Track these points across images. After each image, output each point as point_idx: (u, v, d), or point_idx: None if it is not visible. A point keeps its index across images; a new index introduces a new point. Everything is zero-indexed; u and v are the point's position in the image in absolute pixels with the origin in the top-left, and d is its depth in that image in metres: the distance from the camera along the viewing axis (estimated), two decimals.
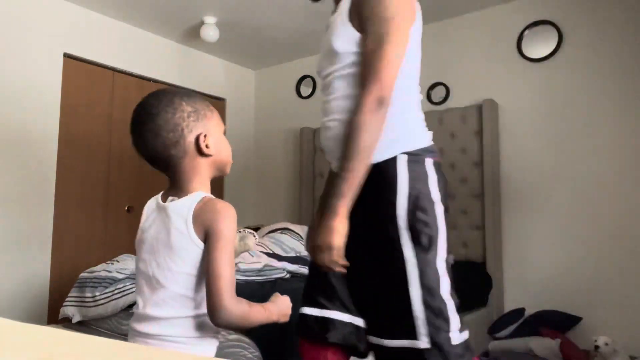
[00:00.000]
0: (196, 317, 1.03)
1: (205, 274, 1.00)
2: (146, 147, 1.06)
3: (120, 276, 2.17)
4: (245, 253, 2.38)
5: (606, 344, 2.42)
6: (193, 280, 1.02)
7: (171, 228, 1.03)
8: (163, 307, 1.02)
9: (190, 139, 1.07)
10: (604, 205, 2.91)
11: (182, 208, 1.03)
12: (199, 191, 1.06)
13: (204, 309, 1.02)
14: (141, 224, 1.12)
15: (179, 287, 1.02)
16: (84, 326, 2.12)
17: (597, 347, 2.44)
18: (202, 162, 1.09)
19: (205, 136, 1.08)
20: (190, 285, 1.02)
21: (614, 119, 2.92)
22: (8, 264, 3.00)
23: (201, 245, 1.01)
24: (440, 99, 3.62)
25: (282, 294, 1.11)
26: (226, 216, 1.01)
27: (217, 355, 1.68)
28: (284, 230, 3.21)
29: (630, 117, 2.88)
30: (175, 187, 1.09)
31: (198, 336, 1.03)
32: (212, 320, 0.98)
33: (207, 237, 1.00)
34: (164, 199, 1.09)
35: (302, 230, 3.30)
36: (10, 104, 3.06)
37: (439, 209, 1.25)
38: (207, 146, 1.08)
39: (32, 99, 3.16)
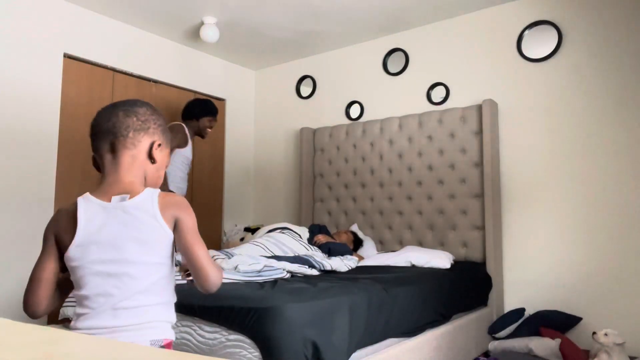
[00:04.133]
0: (163, 304, 1.14)
1: (185, 255, 1.14)
2: (108, 121, 1.15)
3: None
4: (243, 257, 2.38)
5: (605, 335, 2.42)
6: (164, 269, 1.13)
7: (139, 225, 1.09)
8: (137, 298, 1.09)
9: (145, 143, 1.17)
10: (604, 205, 2.91)
11: (144, 205, 1.11)
12: (148, 188, 1.15)
13: (172, 297, 1.17)
14: (81, 227, 1.08)
15: (155, 277, 1.11)
16: None
17: (594, 333, 2.45)
18: (149, 167, 1.19)
19: (159, 145, 1.19)
20: (162, 274, 1.13)
21: (614, 119, 2.93)
22: (8, 264, 3.00)
23: (172, 235, 1.13)
24: (440, 99, 3.62)
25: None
26: (187, 206, 1.16)
27: (217, 355, 1.68)
28: (283, 229, 3.20)
29: (630, 117, 2.88)
30: (114, 182, 1.13)
31: (165, 320, 1.13)
32: (205, 288, 1.14)
33: (176, 226, 1.13)
34: (104, 199, 1.11)
35: (301, 230, 3.30)
36: (10, 104, 3.06)
37: None
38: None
39: (32, 99, 3.16)
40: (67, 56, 3.39)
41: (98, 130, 1.15)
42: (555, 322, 2.85)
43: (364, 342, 1.90)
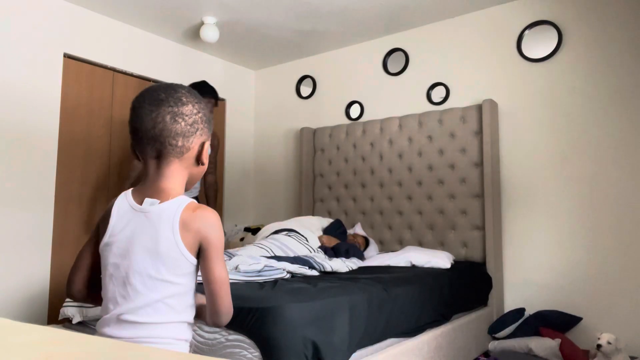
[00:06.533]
0: (174, 322, 1.03)
1: (206, 281, 1.04)
2: (153, 128, 1.03)
3: None
4: (244, 257, 2.37)
5: (609, 343, 2.41)
6: (175, 288, 1.02)
7: (154, 234, 1.01)
8: (140, 314, 1.00)
9: (195, 147, 1.09)
10: (604, 205, 2.91)
11: (166, 214, 1.01)
12: (181, 195, 1.06)
13: (183, 317, 1.04)
14: (111, 226, 1.05)
15: (159, 294, 1.01)
16: (84, 326, 2.12)
17: (599, 345, 2.42)
18: (194, 169, 1.11)
19: (203, 143, 1.11)
20: (169, 293, 1.02)
21: (614, 119, 2.93)
22: (8, 264, 3.00)
23: (187, 252, 1.01)
24: (440, 99, 3.62)
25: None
26: (218, 224, 1.05)
27: (217, 355, 1.68)
28: (290, 232, 3.16)
29: (630, 117, 2.88)
30: (152, 187, 1.06)
31: (175, 338, 1.03)
32: (217, 322, 1.06)
33: (203, 247, 1.02)
34: (138, 200, 1.05)
35: (309, 228, 3.28)
36: (10, 104, 3.06)
37: None
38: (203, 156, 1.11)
39: (32, 99, 3.16)
40: (67, 56, 3.39)
41: (143, 136, 1.04)
42: (555, 322, 2.85)
43: (364, 342, 1.90)
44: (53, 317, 3.17)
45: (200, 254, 1.04)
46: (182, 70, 4.17)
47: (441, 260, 2.95)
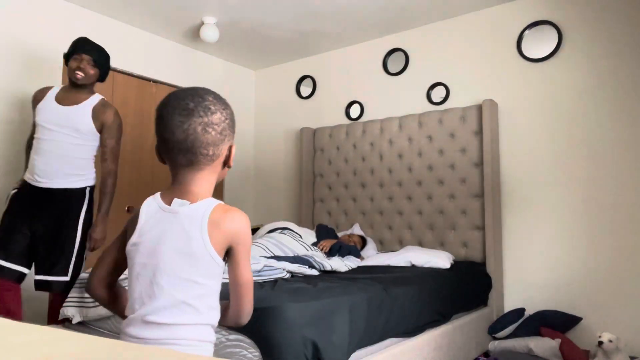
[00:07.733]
0: (198, 324, 1.04)
1: (234, 283, 1.08)
2: (185, 139, 1.04)
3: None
4: None
5: (610, 341, 2.41)
6: (199, 290, 1.03)
7: (183, 235, 1.02)
8: (164, 314, 1.01)
9: (224, 152, 1.12)
10: (604, 204, 2.91)
11: (195, 214, 1.04)
12: (210, 197, 1.08)
13: (206, 319, 1.05)
14: (139, 227, 1.07)
15: (184, 294, 1.01)
16: (84, 326, 2.12)
17: (600, 342, 2.43)
18: (221, 172, 1.14)
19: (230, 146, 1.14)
20: (194, 294, 1.02)
21: (614, 119, 2.93)
22: None
23: (214, 254, 1.02)
24: (440, 99, 3.62)
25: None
26: (248, 227, 1.08)
27: (217, 355, 1.67)
28: (284, 230, 3.20)
29: (629, 117, 2.88)
30: (181, 189, 1.07)
31: (199, 339, 1.04)
32: (239, 322, 1.11)
33: (233, 249, 1.06)
34: (167, 201, 1.07)
35: (304, 231, 3.29)
36: (10, 104, 3.06)
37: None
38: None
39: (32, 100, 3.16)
40: None
41: (173, 146, 1.05)
42: (555, 322, 2.85)
43: (364, 342, 1.90)
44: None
45: (229, 255, 1.07)
46: (182, 70, 4.17)
47: (441, 260, 2.95)
